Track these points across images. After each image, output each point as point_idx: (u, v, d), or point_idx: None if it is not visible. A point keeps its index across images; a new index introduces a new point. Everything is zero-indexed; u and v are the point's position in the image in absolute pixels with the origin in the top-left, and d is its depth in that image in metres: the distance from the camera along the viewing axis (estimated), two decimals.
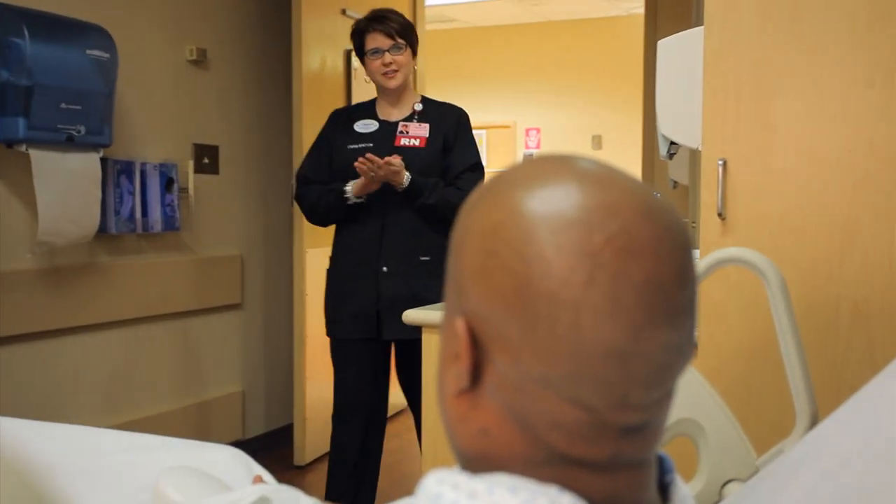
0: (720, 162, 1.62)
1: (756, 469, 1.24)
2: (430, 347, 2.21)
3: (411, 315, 2.26)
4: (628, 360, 0.56)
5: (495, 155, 7.46)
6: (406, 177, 2.64)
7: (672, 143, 2.02)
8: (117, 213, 3.08)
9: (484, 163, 2.85)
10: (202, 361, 3.56)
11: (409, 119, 2.80)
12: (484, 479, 0.59)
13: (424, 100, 2.86)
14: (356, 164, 2.60)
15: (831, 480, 0.79)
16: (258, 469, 1.36)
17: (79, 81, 2.74)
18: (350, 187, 2.67)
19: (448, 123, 2.79)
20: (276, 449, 3.78)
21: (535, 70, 7.55)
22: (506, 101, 7.64)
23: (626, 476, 0.60)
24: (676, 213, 0.60)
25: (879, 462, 0.74)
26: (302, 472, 3.64)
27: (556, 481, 0.58)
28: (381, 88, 2.80)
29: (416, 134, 2.77)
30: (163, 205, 3.27)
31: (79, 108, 2.75)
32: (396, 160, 2.61)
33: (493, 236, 0.58)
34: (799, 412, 1.24)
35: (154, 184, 3.22)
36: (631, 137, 5.57)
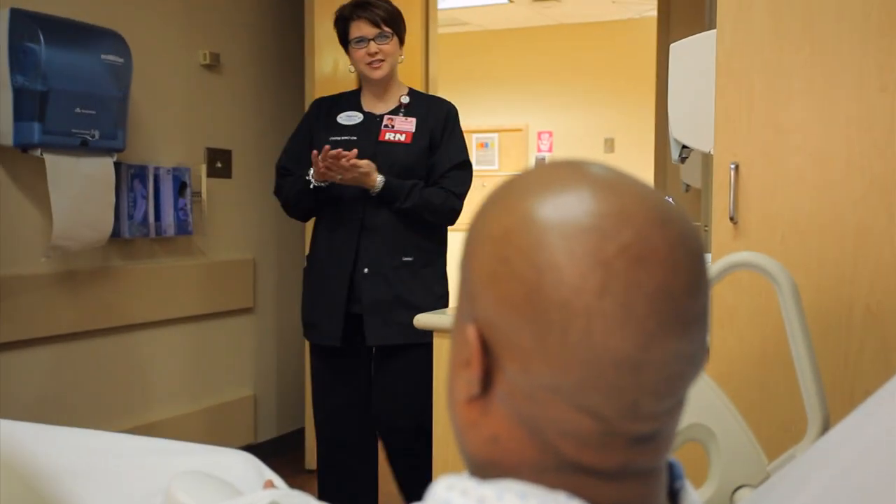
0: (732, 165, 1.61)
1: (767, 475, 1.23)
2: (442, 352, 2.21)
3: (423, 319, 2.25)
4: (640, 369, 0.55)
5: (507, 158, 7.43)
6: (379, 180, 2.47)
7: (684, 146, 2.02)
8: (131, 217, 3.10)
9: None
10: (214, 365, 3.58)
11: (394, 112, 2.63)
12: (493, 485, 0.59)
13: (412, 92, 2.70)
14: (312, 155, 2.42)
15: (842, 485, 0.78)
16: (269, 473, 1.37)
17: (93, 86, 2.76)
18: (312, 171, 2.50)
19: (436, 118, 2.61)
20: (288, 453, 3.79)
21: (548, 73, 7.54)
22: (518, 104, 7.63)
23: (636, 484, 0.60)
24: (689, 220, 0.60)
25: (889, 466, 0.74)
26: (313, 476, 3.64)
27: (565, 488, 0.58)
28: (366, 79, 2.64)
29: (402, 128, 2.60)
30: (176, 209, 3.28)
31: (93, 112, 2.76)
32: (363, 162, 2.42)
33: (504, 242, 0.58)
34: (810, 417, 1.23)
35: (167, 188, 3.23)
36: (643, 140, 5.55)
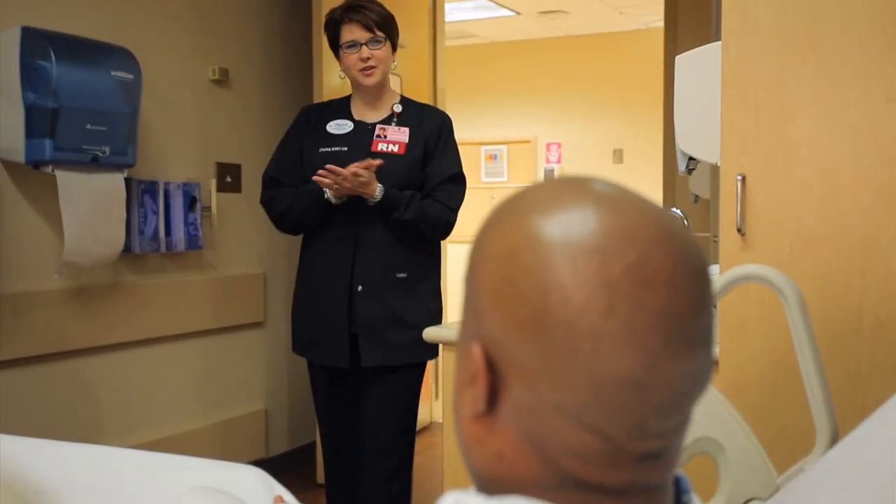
0: (739, 177, 1.61)
1: (777, 488, 1.23)
2: (451, 365, 2.21)
3: (431, 333, 2.26)
4: (646, 389, 0.56)
5: (516, 170, 7.44)
6: (378, 189, 2.36)
7: (690, 158, 2.02)
8: (141, 232, 3.11)
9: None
10: (225, 380, 3.58)
11: (386, 121, 2.52)
12: (500, 501, 0.59)
13: (404, 100, 2.58)
14: (315, 176, 2.32)
15: (850, 498, 0.78)
16: (279, 489, 1.37)
17: (104, 103, 2.78)
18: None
19: (430, 129, 2.51)
20: (299, 467, 3.79)
21: (556, 85, 7.55)
22: (526, 115, 7.64)
23: (643, 500, 0.60)
24: (693, 238, 0.60)
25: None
26: (324, 490, 3.64)
27: None
28: (357, 86, 2.52)
29: (395, 139, 2.49)
30: (186, 224, 3.29)
31: (104, 129, 2.78)
32: (365, 172, 2.31)
33: (509, 262, 0.58)
34: (819, 429, 1.23)
35: (177, 203, 3.25)
36: (652, 151, 5.55)
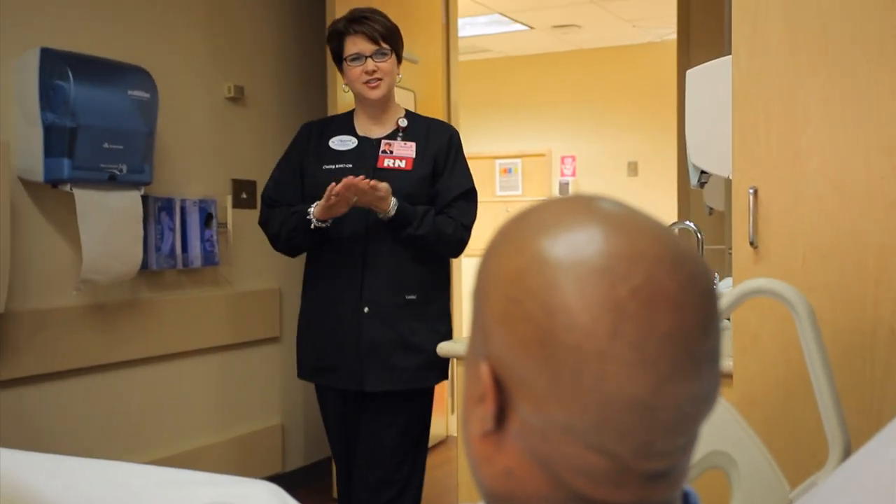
0: (751, 190, 1.61)
1: (789, 502, 1.22)
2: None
3: (446, 348, 2.26)
4: (653, 411, 0.56)
5: (531, 183, 7.45)
6: (392, 203, 2.28)
7: (702, 171, 2.02)
8: (158, 249, 3.14)
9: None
10: (242, 395, 3.60)
11: (392, 136, 2.43)
12: None
13: (409, 114, 2.50)
14: (332, 189, 2.22)
15: None
16: None
17: (121, 122, 2.81)
18: (314, 208, 2.30)
19: (437, 144, 2.41)
20: (315, 482, 3.79)
21: (570, 98, 7.57)
22: (540, 129, 7.65)
23: None
24: (700, 258, 0.60)
25: None
26: None
27: None
28: (362, 100, 2.42)
29: (402, 154, 2.39)
30: (202, 240, 3.32)
31: (121, 147, 2.81)
32: (383, 185, 2.24)
33: (516, 283, 0.58)
34: (831, 443, 1.22)
35: (193, 220, 3.28)
36: (667, 163, 5.55)
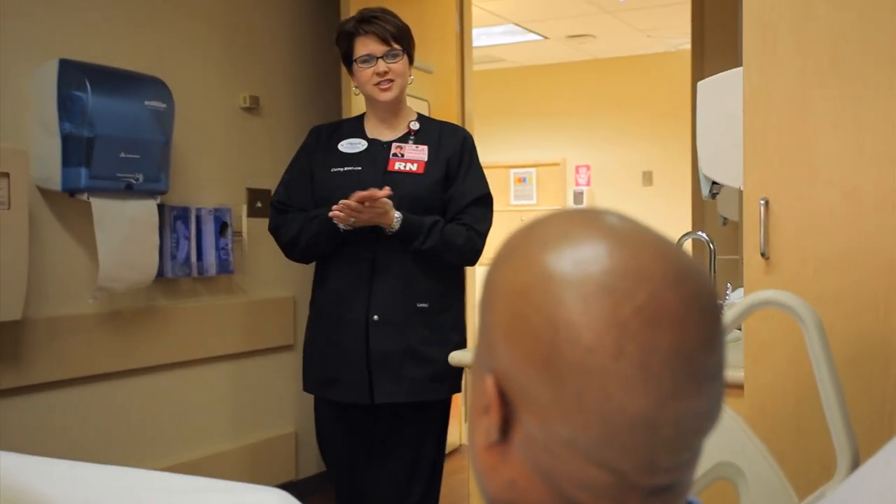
0: (762, 201, 1.61)
1: None
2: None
3: (458, 357, 2.27)
4: (656, 428, 0.56)
5: (545, 193, 7.45)
6: (396, 218, 2.21)
7: (714, 182, 2.03)
8: (174, 257, 3.17)
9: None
10: (256, 402, 3.62)
11: (403, 139, 2.36)
12: None
13: (421, 117, 2.43)
14: (331, 213, 2.18)
15: None
16: None
17: (137, 131, 2.84)
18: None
19: (450, 147, 2.35)
20: (329, 489, 3.80)
21: (584, 107, 7.57)
22: (555, 138, 7.66)
23: None
24: (703, 274, 0.60)
25: None
26: None
27: None
28: (373, 102, 2.36)
29: (413, 157, 2.32)
30: (217, 248, 3.34)
31: (137, 157, 2.84)
32: (383, 200, 2.16)
33: (521, 298, 0.59)
34: (839, 455, 1.22)
35: (209, 228, 3.30)
36: (681, 173, 5.54)
